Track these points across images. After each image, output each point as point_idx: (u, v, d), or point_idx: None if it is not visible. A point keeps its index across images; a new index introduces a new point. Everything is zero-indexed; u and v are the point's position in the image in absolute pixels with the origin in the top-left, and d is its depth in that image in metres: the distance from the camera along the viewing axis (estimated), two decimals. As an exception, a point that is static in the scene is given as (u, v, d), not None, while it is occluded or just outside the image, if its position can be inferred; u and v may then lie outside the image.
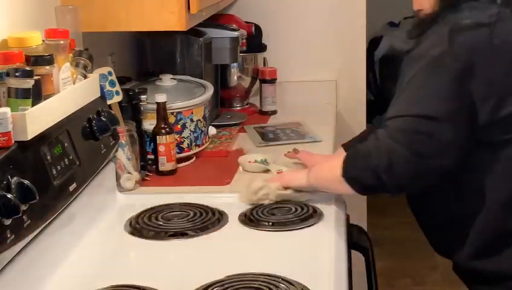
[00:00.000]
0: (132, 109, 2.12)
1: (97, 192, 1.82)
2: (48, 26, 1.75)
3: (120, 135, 1.98)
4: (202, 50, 2.57)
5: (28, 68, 1.47)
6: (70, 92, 1.68)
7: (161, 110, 2.14)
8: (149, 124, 2.18)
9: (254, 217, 1.82)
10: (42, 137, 1.51)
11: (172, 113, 2.21)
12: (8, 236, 1.32)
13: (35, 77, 1.48)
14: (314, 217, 1.82)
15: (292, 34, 3.15)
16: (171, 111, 2.20)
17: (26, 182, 1.37)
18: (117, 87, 1.98)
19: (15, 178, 1.36)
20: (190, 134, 2.26)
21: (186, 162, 2.28)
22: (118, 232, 1.79)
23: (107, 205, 1.90)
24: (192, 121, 2.26)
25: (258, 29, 3.04)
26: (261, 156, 2.23)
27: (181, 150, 2.25)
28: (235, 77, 2.99)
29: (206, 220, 1.81)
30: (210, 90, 2.35)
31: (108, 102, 1.95)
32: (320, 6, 3.12)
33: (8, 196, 1.31)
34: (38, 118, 1.48)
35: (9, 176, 1.35)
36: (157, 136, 2.14)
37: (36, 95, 1.49)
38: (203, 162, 2.31)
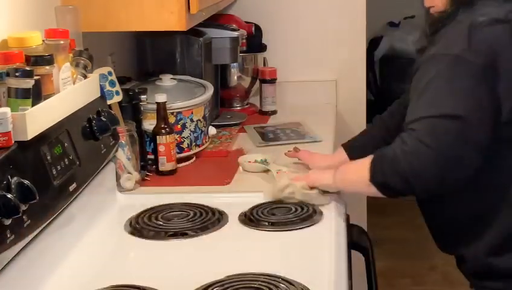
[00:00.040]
0: (132, 109, 2.12)
1: (97, 192, 1.82)
2: (48, 26, 1.75)
3: (120, 135, 1.98)
4: (202, 50, 2.57)
5: (28, 68, 1.47)
6: (70, 92, 1.67)
7: (161, 110, 2.14)
8: (149, 124, 2.18)
9: (254, 217, 1.82)
10: (42, 137, 1.51)
11: (172, 113, 2.21)
12: (8, 236, 1.32)
13: (35, 77, 1.48)
14: (314, 217, 1.82)
15: (292, 34, 3.14)
16: (171, 111, 2.20)
17: (26, 182, 1.37)
18: (117, 87, 1.98)
19: (15, 178, 1.36)
20: (190, 134, 2.26)
21: (186, 162, 2.28)
22: (118, 232, 1.79)
23: (107, 205, 1.90)
24: (192, 121, 2.26)
25: (258, 29, 3.03)
26: (261, 156, 2.23)
27: (181, 150, 2.25)
28: (235, 77, 2.99)
29: (206, 220, 1.81)
30: (210, 90, 2.35)
31: (108, 102, 1.95)
32: (320, 6, 3.12)
33: (8, 196, 1.31)
34: (38, 118, 1.48)
35: (9, 176, 1.35)
36: (157, 136, 2.14)
37: (36, 95, 1.49)
38: (203, 162, 2.31)
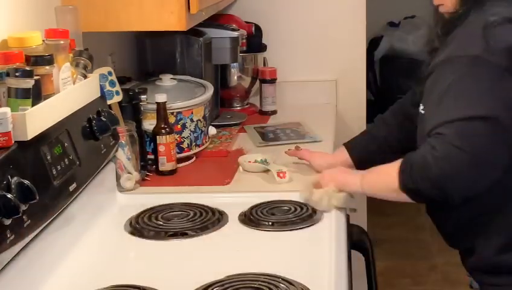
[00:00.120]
0: (132, 109, 2.12)
1: (97, 192, 1.82)
2: (48, 26, 1.75)
3: (120, 135, 1.98)
4: (202, 50, 2.57)
5: (28, 68, 1.47)
6: (70, 92, 1.67)
7: (161, 110, 2.14)
8: (149, 124, 2.18)
9: (254, 217, 1.82)
10: (42, 137, 1.51)
11: (172, 113, 2.21)
12: (8, 236, 1.32)
13: (35, 77, 1.48)
14: (314, 217, 1.82)
15: (292, 34, 3.14)
16: (171, 111, 2.20)
17: (26, 182, 1.37)
18: (117, 87, 1.98)
19: (15, 178, 1.36)
20: (190, 134, 2.26)
21: (186, 162, 2.28)
22: (118, 232, 1.79)
23: (107, 205, 1.90)
24: (192, 121, 2.26)
25: (258, 29, 3.03)
26: (261, 156, 2.23)
27: (181, 150, 2.25)
28: (235, 77, 2.99)
29: (206, 220, 1.81)
30: (210, 90, 2.35)
31: (108, 102, 1.95)
32: (320, 6, 3.12)
33: (8, 196, 1.31)
34: (38, 118, 1.48)
35: (9, 176, 1.35)
36: (157, 136, 2.14)
37: (36, 95, 1.49)
38: (203, 162, 2.31)
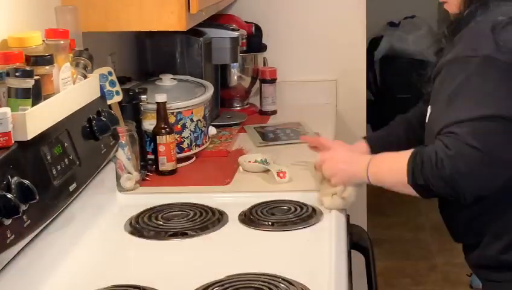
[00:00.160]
0: (132, 109, 2.12)
1: (97, 192, 1.82)
2: (48, 26, 1.75)
3: (120, 135, 1.98)
4: (202, 50, 2.57)
5: (28, 68, 1.47)
6: (70, 92, 1.67)
7: (161, 110, 2.14)
8: (149, 124, 2.18)
9: (254, 217, 1.82)
10: (42, 137, 1.51)
11: (172, 113, 2.21)
12: (8, 236, 1.32)
13: (35, 77, 1.48)
14: (314, 217, 1.82)
15: (292, 34, 3.14)
16: (171, 111, 2.20)
17: (26, 182, 1.37)
18: (117, 87, 1.98)
19: (15, 178, 1.36)
20: (190, 134, 2.26)
21: (186, 162, 2.28)
22: (118, 232, 1.79)
23: (107, 205, 1.90)
24: (192, 121, 2.26)
25: (258, 29, 3.03)
26: (261, 156, 2.23)
27: (181, 150, 2.25)
28: (235, 77, 2.99)
29: (206, 220, 1.81)
30: (210, 90, 2.35)
31: (108, 102, 1.95)
32: (320, 6, 3.12)
33: (8, 196, 1.31)
34: (38, 118, 1.48)
35: (9, 176, 1.35)
36: (157, 136, 2.14)
37: (36, 95, 1.49)
38: (203, 162, 2.31)
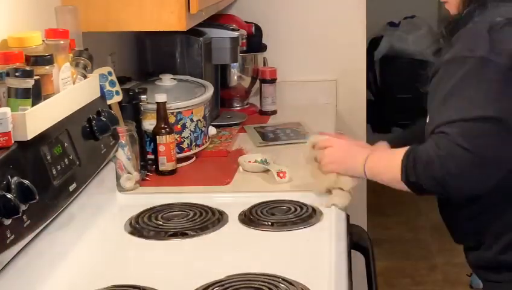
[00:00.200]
0: (132, 109, 2.12)
1: (97, 192, 1.82)
2: (48, 26, 1.75)
3: (120, 135, 1.98)
4: (202, 50, 2.57)
5: (28, 68, 1.47)
6: (70, 92, 1.67)
7: (161, 110, 2.14)
8: (149, 124, 2.18)
9: (254, 217, 1.82)
10: (42, 137, 1.51)
11: (172, 113, 2.21)
12: (8, 236, 1.32)
13: (35, 77, 1.48)
14: (314, 217, 1.82)
15: (292, 34, 3.14)
16: (171, 111, 2.20)
17: (26, 182, 1.37)
18: (117, 87, 1.98)
19: (15, 178, 1.36)
20: (190, 134, 2.26)
21: (186, 162, 2.28)
22: (118, 232, 1.79)
23: (107, 205, 1.90)
24: (192, 121, 2.26)
25: (258, 29, 3.03)
26: (261, 156, 2.23)
27: (181, 150, 2.25)
28: (235, 77, 2.99)
29: (206, 220, 1.81)
30: (210, 90, 2.35)
31: (108, 102, 1.95)
32: (320, 6, 3.12)
33: (8, 196, 1.31)
34: (38, 118, 1.48)
35: (9, 176, 1.35)
36: (157, 136, 2.14)
37: (36, 95, 1.49)
38: (203, 162, 2.31)
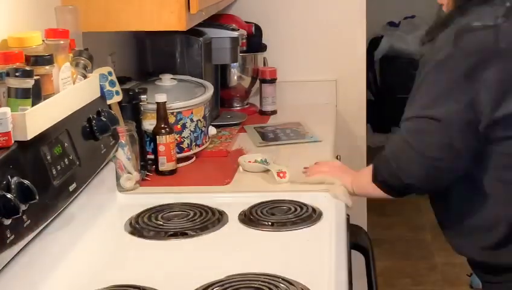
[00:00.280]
0: (132, 109, 2.12)
1: (97, 192, 1.82)
2: (48, 26, 1.75)
3: (120, 135, 1.98)
4: (202, 50, 2.57)
5: (28, 68, 1.47)
6: (70, 92, 1.67)
7: (161, 110, 2.14)
8: (149, 124, 2.18)
9: (254, 217, 1.82)
10: (42, 137, 1.51)
11: (172, 113, 2.21)
12: (8, 236, 1.32)
13: (35, 77, 1.48)
14: (314, 217, 1.82)
15: (292, 34, 3.14)
16: (171, 111, 2.20)
17: (26, 182, 1.37)
18: (117, 87, 1.98)
19: (15, 178, 1.36)
20: (190, 134, 2.26)
21: (186, 162, 2.28)
22: (118, 232, 1.79)
23: (107, 205, 1.90)
24: (192, 121, 2.26)
25: (258, 29, 3.03)
26: (261, 156, 2.23)
27: (181, 150, 2.25)
28: (235, 77, 2.99)
29: (206, 220, 1.81)
30: (210, 90, 2.35)
31: (108, 102, 1.95)
32: (320, 6, 3.12)
33: (8, 196, 1.31)
34: (38, 118, 1.48)
35: (9, 176, 1.35)
36: (157, 136, 2.14)
37: (36, 95, 1.49)
38: (203, 162, 2.31)
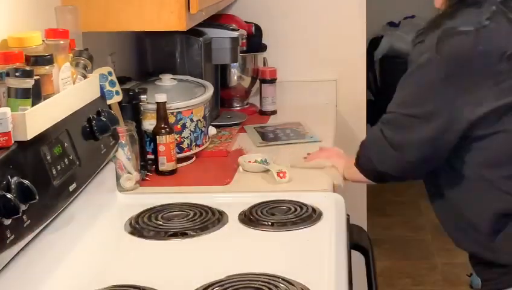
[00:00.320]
0: (132, 109, 2.12)
1: (97, 192, 1.82)
2: (48, 26, 1.75)
3: (120, 135, 1.98)
4: (202, 50, 2.57)
5: (28, 68, 1.47)
6: (70, 92, 1.67)
7: (161, 110, 2.14)
8: (149, 124, 2.18)
9: (254, 217, 1.82)
10: (42, 137, 1.51)
11: (172, 113, 2.21)
12: (8, 236, 1.32)
13: (35, 77, 1.48)
14: (314, 217, 1.82)
15: (292, 34, 3.14)
16: (171, 111, 2.20)
17: (26, 182, 1.37)
18: (117, 87, 1.98)
19: (15, 178, 1.36)
20: (190, 134, 2.26)
21: (186, 162, 2.28)
22: (118, 232, 1.79)
23: (107, 205, 1.90)
24: (192, 121, 2.26)
25: (258, 29, 3.03)
26: (261, 156, 2.23)
27: (181, 150, 2.25)
28: (235, 77, 2.99)
29: (206, 220, 1.81)
30: (210, 90, 2.35)
31: (108, 102, 1.95)
32: (320, 6, 3.12)
33: (8, 196, 1.31)
34: (38, 118, 1.48)
35: (9, 176, 1.35)
36: (157, 136, 2.14)
37: (36, 95, 1.49)
38: (203, 162, 2.31)
